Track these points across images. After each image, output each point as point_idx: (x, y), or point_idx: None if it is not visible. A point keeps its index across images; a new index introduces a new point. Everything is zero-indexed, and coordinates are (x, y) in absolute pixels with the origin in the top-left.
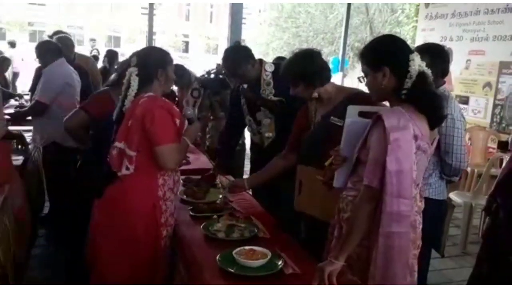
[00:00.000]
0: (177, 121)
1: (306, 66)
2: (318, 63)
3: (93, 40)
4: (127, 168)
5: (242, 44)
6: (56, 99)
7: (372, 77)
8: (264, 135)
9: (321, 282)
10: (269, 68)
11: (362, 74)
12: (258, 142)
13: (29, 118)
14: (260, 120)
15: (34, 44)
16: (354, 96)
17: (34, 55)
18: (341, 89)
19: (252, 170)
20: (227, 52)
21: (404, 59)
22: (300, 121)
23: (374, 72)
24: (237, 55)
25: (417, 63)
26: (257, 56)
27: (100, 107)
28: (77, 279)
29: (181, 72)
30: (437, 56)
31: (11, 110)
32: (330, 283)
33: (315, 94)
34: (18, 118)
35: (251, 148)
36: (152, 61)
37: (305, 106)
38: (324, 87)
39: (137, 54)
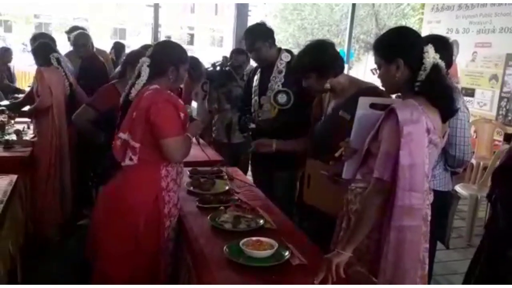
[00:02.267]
0: (182, 114)
1: (318, 57)
2: (331, 53)
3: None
4: (131, 159)
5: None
6: None
7: (385, 69)
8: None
9: (328, 273)
10: (285, 58)
11: (370, 66)
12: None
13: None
14: (263, 104)
15: None
16: (366, 91)
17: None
18: (354, 81)
19: (252, 160)
20: (251, 26)
21: (418, 51)
22: (315, 112)
23: (387, 64)
24: (258, 30)
25: (431, 55)
26: None
27: (107, 101)
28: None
29: (196, 65)
30: (442, 47)
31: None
32: (337, 274)
33: (327, 85)
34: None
35: (252, 137)
36: (166, 56)
37: (319, 97)
38: (337, 78)
39: (154, 45)
